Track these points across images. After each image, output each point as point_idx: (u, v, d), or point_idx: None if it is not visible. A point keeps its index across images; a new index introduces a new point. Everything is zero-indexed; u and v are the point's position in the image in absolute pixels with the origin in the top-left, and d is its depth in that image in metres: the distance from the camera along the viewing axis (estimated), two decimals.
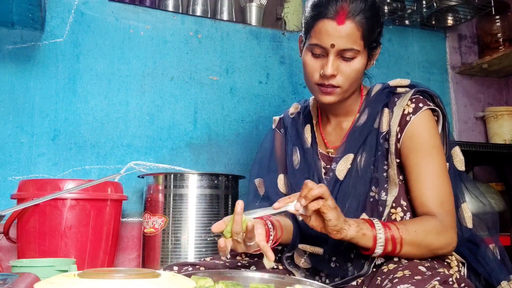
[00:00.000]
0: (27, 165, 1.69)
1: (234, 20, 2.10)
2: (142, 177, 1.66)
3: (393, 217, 1.11)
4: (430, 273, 0.90)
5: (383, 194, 1.11)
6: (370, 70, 1.33)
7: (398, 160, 1.12)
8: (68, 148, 1.74)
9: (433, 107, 1.12)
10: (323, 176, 1.18)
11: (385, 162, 1.13)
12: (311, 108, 1.30)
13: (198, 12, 2.03)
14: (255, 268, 1.16)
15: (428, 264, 0.97)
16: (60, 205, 1.38)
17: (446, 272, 0.91)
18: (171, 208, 1.54)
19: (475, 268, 1.11)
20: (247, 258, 1.20)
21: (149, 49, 1.91)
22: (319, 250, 1.11)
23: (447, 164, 1.13)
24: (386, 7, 2.24)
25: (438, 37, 2.50)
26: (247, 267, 1.16)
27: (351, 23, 1.05)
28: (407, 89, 1.16)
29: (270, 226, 1.11)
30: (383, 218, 1.08)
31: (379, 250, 0.97)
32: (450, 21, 2.40)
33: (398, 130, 1.10)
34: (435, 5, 2.23)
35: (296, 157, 1.25)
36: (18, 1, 1.53)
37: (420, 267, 0.93)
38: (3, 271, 1.25)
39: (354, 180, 1.12)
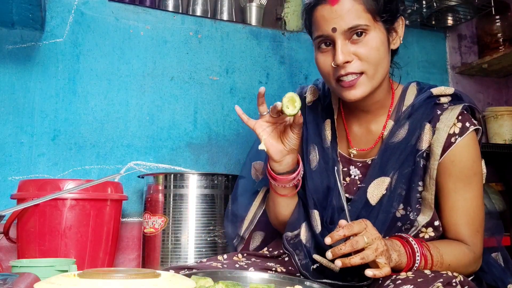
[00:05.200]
0: (27, 165, 1.69)
1: (234, 20, 2.10)
2: (142, 177, 1.66)
3: (421, 235, 1.05)
4: (433, 274, 0.90)
5: (414, 214, 1.03)
6: None
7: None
8: (68, 148, 1.74)
9: (478, 126, 1.02)
10: (341, 180, 1.09)
11: (420, 183, 1.04)
12: (332, 99, 1.17)
13: (198, 12, 2.03)
14: (253, 270, 1.15)
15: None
16: (60, 205, 1.38)
17: (449, 274, 0.90)
18: (171, 208, 1.54)
19: (480, 277, 1.08)
20: (243, 259, 1.18)
21: (149, 49, 1.91)
22: (336, 267, 1.00)
23: None
24: None
25: (438, 37, 2.50)
26: (245, 268, 1.15)
27: None
28: (449, 98, 1.05)
29: (301, 173, 1.10)
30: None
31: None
32: (450, 21, 2.40)
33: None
34: (435, 5, 2.23)
35: (314, 157, 1.14)
36: (18, 1, 1.53)
37: (424, 270, 0.93)
38: (3, 271, 1.25)
39: (386, 204, 1.04)
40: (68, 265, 1.08)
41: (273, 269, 1.16)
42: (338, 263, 0.87)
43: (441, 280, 0.86)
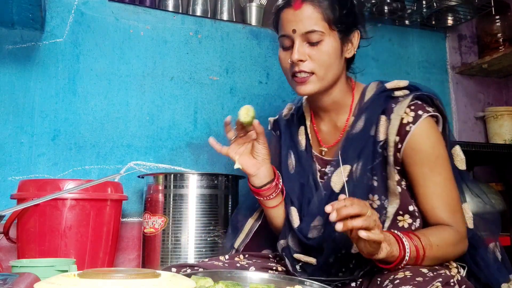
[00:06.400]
0: (27, 165, 1.69)
1: (234, 20, 2.10)
2: (142, 177, 1.66)
3: (400, 224, 1.08)
4: (431, 274, 0.90)
5: (386, 202, 1.08)
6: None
7: (398, 168, 1.09)
8: (68, 148, 1.74)
9: (433, 113, 1.08)
10: (319, 180, 1.17)
11: (383, 173, 1.10)
12: (304, 108, 1.28)
13: (198, 12, 2.03)
14: (254, 269, 1.16)
15: (429, 266, 0.97)
16: (60, 205, 1.38)
17: (448, 273, 0.91)
18: (171, 208, 1.54)
19: (476, 274, 1.10)
20: (245, 260, 1.21)
21: (149, 49, 1.91)
22: (312, 260, 1.12)
23: None
24: (386, 7, 2.24)
25: (438, 37, 2.50)
26: (246, 268, 1.16)
27: (308, 5, 1.07)
28: (405, 91, 1.12)
29: (280, 180, 1.21)
30: (385, 228, 1.06)
31: (399, 266, 0.96)
32: (450, 21, 2.40)
33: (398, 140, 1.07)
34: (435, 5, 2.23)
35: (291, 161, 1.24)
36: (18, 1, 1.53)
37: (421, 269, 0.93)
38: (3, 271, 1.25)
39: (352, 192, 1.08)
40: (68, 265, 1.08)
41: (274, 268, 1.17)
42: (339, 226, 0.88)
43: (440, 280, 0.86)
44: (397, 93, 1.13)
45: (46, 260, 1.20)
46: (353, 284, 1.07)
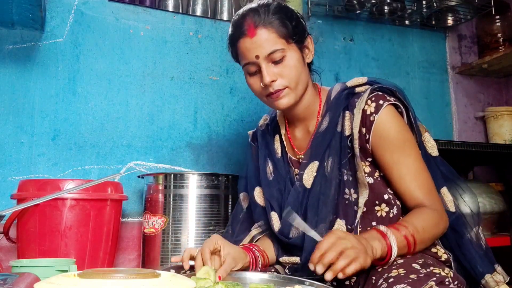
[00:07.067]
0: (27, 165, 1.69)
1: None
2: (142, 177, 1.66)
3: (378, 214, 1.12)
4: (424, 271, 0.90)
5: (356, 195, 1.12)
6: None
7: (370, 159, 1.13)
8: (68, 148, 1.74)
9: (393, 102, 1.12)
10: (296, 182, 1.19)
11: (354, 167, 1.13)
12: (278, 117, 1.32)
13: (198, 12, 2.03)
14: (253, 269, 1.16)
15: (421, 261, 0.97)
16: (60, 205, 1.38)
17: (442, 273, 0.91)
18: (171, 208, 1.54)
19: (460, 260, 1.13)
20: None
21: (149, 49, 1.91)
22: (296, 260, 1.14)
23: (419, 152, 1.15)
24: (386, 7, 2.24)
25: (438, 37, 2.50)
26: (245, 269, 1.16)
27: (261, 29, 1.11)
28: (366, 86, 1.16)
29: (257, 254, 1.16)
30: (357, 220, 1.09)
31: (392, 258, 0.97)
32: (450, 21, 2.40)
33: (364, 132, 1.11)
34: (435, 5, 2.23)
35: (269, 169, 1.27)
36: (18, 1, 1.53)
37: (414, 265, 0.93)
38: (3, 271, 1.25)
39: (322, 186, 1.13)
40: (68, 265, 1.08)
41: (272, 270, 1.18)
42: (328, 276, 0.89)
43: (434, 279, 0.87)
44: (358, 89, 1.17)
45: (46, 260, 1.20)
46: (347, 283, 1.07)
